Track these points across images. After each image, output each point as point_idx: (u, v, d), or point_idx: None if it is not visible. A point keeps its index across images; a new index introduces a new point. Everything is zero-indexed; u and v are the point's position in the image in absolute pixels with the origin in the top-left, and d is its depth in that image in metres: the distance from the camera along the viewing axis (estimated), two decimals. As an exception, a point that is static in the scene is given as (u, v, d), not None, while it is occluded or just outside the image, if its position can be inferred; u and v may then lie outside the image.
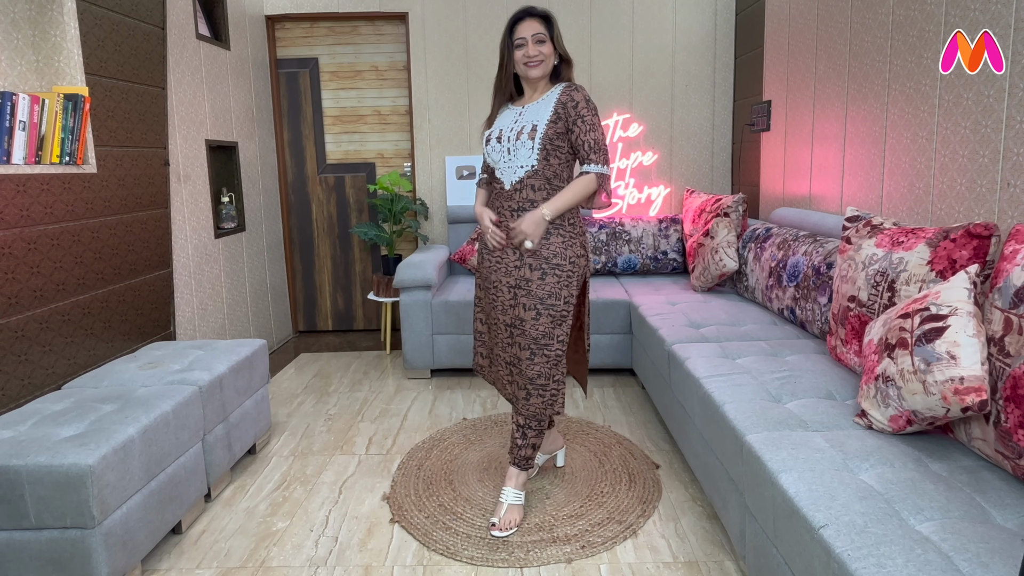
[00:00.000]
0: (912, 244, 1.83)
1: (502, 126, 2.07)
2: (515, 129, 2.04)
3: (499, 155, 2.05)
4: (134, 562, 1.77)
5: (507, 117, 2.10)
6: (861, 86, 2.58)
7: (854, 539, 1.16)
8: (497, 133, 2.07)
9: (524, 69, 2.02)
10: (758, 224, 3.19)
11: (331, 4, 4.14)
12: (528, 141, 1.99)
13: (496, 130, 2.08)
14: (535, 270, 2.00)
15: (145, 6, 2.68)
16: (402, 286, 3.38)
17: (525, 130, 2.00)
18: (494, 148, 2.06)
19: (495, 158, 2.06)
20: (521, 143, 2.00)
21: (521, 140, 2.00)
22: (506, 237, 2.04)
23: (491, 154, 2.07)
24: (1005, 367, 1.35)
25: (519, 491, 2.09)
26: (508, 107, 2.13)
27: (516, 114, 2.08)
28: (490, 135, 2.09)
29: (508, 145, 2.03)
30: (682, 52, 4.12)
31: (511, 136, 2.03)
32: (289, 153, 4.38)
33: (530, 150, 2.00)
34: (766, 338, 2.45)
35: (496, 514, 2.04)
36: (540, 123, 2.00)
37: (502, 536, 1.99)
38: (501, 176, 2.06)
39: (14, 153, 2.00)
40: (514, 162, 2.02)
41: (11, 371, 1.97)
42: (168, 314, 2.83)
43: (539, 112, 2.02)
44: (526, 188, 2.02)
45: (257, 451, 2.64)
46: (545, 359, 1.99)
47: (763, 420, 1.68)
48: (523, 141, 2.00)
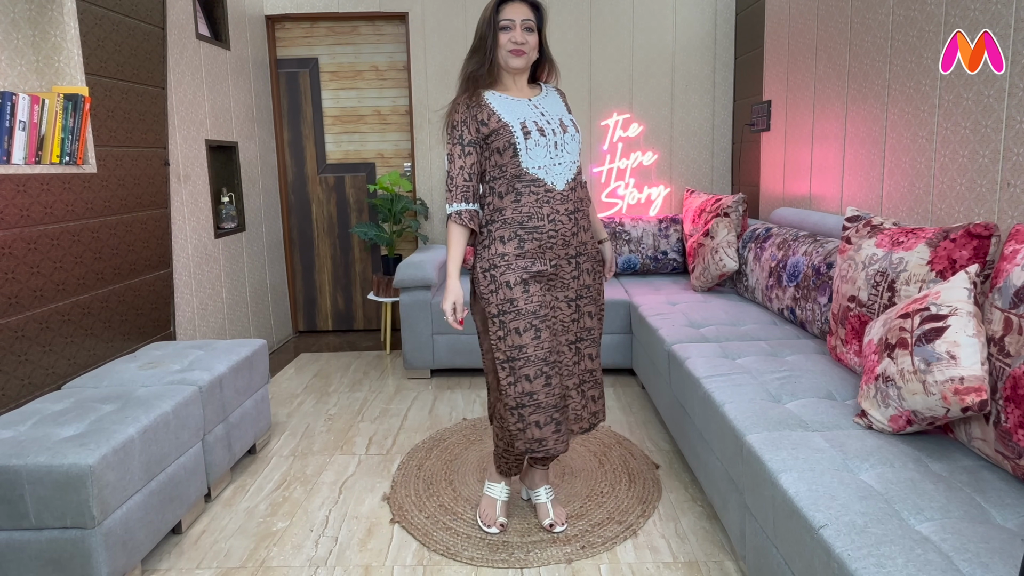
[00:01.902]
0: (912, 244, 1.83)
1: (524, 117, 1.78)
2: (549, 121, 1.79)
3: (544, 151, 1.76)
4: (134, 562, 1.77)
5: (519, 108, 1.80)
6: (861, 86, 2.58)
7: (854, 539, 1.16)
8: (533, 126, 1.77)
9: (506, 56, 1.77)
10: (758, 224, 3.19)
11: (331, 4, 4.14)
12: (576, 134, 1.81)
13: (521, 122, 1.77)
14: (591, 273, 1.89)
15: (145, 6, 2.68)
16: (402, 286, 3.38)
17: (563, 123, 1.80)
18: (536, 143, 1.75)
19: (535, 155, 1.75)
20: (570, 136, 1.79)
21: (569, 133, 1.79)
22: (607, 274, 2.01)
23: (530, 151, 1.75)
24: (1005, 367, 1.35)
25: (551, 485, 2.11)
26: (503, 96, 1.82)
27: (529, 106, 1.81)
28: (520, 129, 1.75)
29: (555, 139, 1.77)
30: (682, 52, 4.12)
31: (556, 129, 1.78)
32: (289, 153, 4.38)
33: (578, 144, 1.82)
34: (766, 338, 2.45)
35: (544, 515, 2.02)
36: (565, 117, 1.83)
37: (564, 529, 2.00)
38: (545, 176, 1.77)
39: (14, 153, 2.00)
40: (566, 157, 1.78)
41: (11, 371, 1.97)
42: (168, 314, 2.83)
43: (554, 105, 1.86)
44: (579, 187, 1.82)
45: (257, 451, 2.64)
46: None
47: (763, 420, 1.68)
48: (571, 134, 1.79)
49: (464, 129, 1.77)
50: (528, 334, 1.75)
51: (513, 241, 1.77)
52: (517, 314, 1.74)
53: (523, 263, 1.76)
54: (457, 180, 1.77)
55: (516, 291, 1.74)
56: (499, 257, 1.76)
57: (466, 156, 1.77)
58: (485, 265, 1.77)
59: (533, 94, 1.87)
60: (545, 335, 1.76)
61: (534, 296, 1.75)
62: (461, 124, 1.77)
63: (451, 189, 1.77)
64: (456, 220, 1.77)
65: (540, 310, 1.76)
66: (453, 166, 1.77)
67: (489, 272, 1.76)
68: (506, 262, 1.75)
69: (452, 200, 1.77)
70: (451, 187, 1.77)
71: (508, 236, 1.77)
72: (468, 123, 1.78)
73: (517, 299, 1.74)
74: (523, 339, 1.74)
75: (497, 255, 1.76)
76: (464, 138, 1.77)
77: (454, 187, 1.76)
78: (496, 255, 1.76)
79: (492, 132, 1.76)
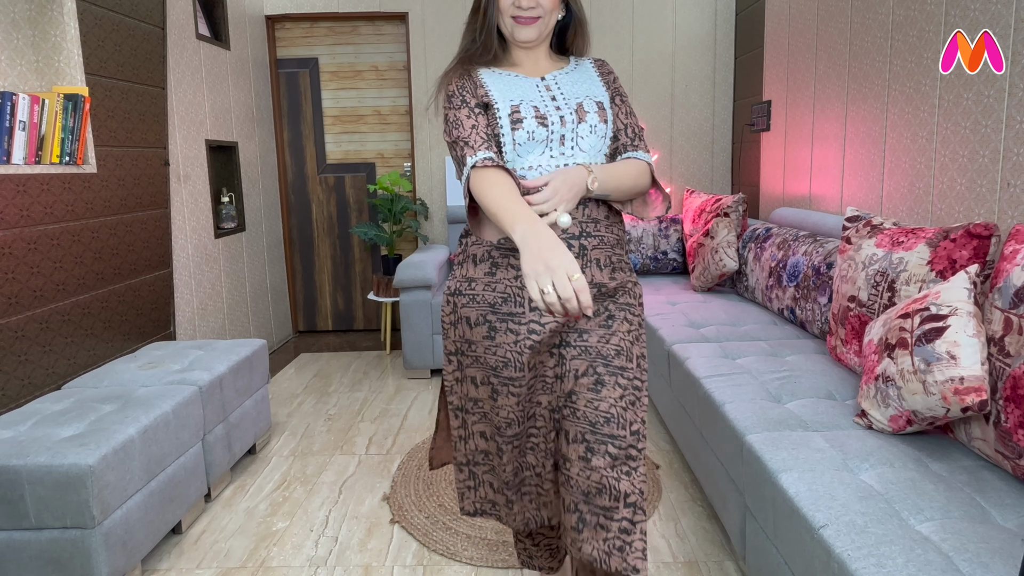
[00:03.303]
0: (912, 244, 1.83)
1: (520, 98, 1.28)
2: (560, 106, 1.28)
3: (540, 147, 1.26)
4: (134, 562, 1.77)
5: (517, 87, 1.30)
6: (861, 86, 2.58)
7: (854, 539, 1.16)
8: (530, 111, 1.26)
9: (510, 24, 1.29)
10: (758, 224, 3.19)
11: (331, 4, 4.14)
12: (600, 124, 1.29)
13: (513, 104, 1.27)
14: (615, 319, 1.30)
15: (145, 6, 2.68)
16: (402, 286, 3.38)
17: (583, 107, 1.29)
18: (529, 135, 1.25)
19: (525, 152, 1.26)
20: (588, 127, 1.28)
21: (587, 122, 1.27)
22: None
23: (518, 145, 1.26)
24: (1005, 367, 1.35)
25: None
26: (501, 73, 1.33)
27: (535, 85, 1.31)
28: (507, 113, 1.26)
29: (562, 131, 1.26)
30: (682, 52, 4.12)
31: (568, 117, 1.27)
32: (289, 153, 4.38)
33: (601, 138, 1.29)
34: (766, 338, 2.46)
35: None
36: (591, 99, 1.31)
37: None
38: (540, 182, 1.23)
39: (14, 153, 2.00)
40: (578, 157, 1.27)
41: (11, 371, 1.97)
42: (168, 314, 2.83)
43: (581, 84, 1.33)
44: (590, 202, 1.27)
45: (257, 451, 2.64)
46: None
47: (763, 420, 1.68)
48: (591, 124, 1.28)
49: (466, 94, 1.29)
50: (484, 388, 1.32)
51: (484, 264, 1.28)
52: (475, 360, 1.31)
53: (491, 297, 1.26)
54: (472, 137, 1.24)
55: (477, 333, 1.28)
56: (466, 282, 1.30)
57: (477, 116, 1.27)
58: (451, 287, 1.33)
59: (554, 69, 1.36)
60: (505, 400, 1.28)
61: (501, 346, 1.25)
62: (460, 90, 1.30)
63: (469, 143, 1.23)
64: (488, 164, 1.19)
65: (503, 368, 1.26)
66: (463, 127, 1.25)
67: (452, 298, 1.32)
68: (471, 291, 1.29)
69: (471, 153, 1.22)
70: (466, 144, 1.23)
71: (481, 256, 1.29)
72: (466, 89, 1.30)
73: (476, 344, 1.29)
74: (479, 392, 1.34)
75: (464, 279, 1.31)
76: (469, 101, 1.28)
77: (471, 141, 1.23)
78: (463, 279, 1.31)
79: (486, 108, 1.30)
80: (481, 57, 1.32)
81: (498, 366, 1.27)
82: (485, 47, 1.31)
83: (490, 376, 1.29)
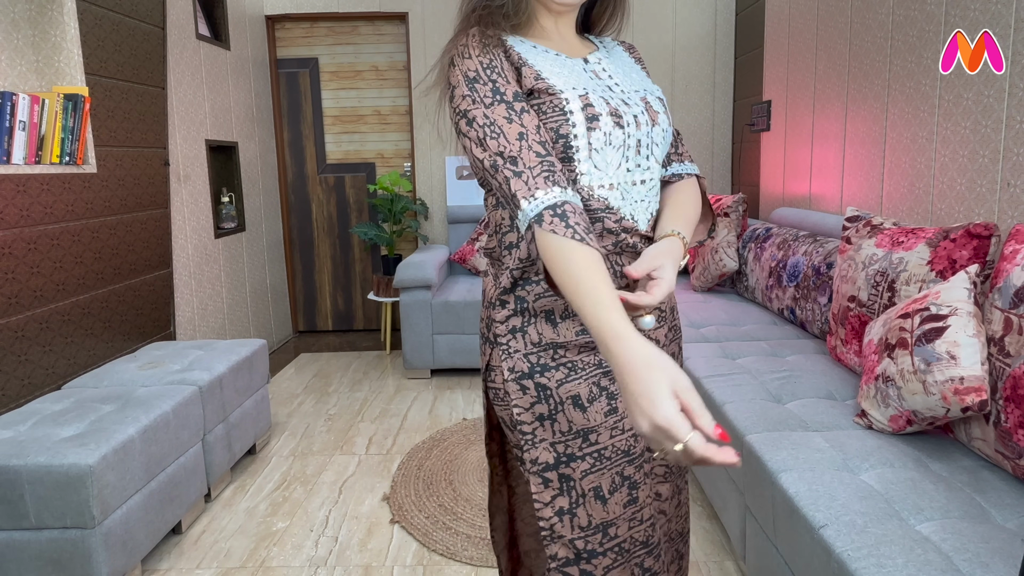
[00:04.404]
0: (912, 244, 1.83)
1: (585, 87, 0.93)
2: (627, 100, 0.96)
3: (617, 154, 0.93)
4: (134, 562, 1.77)
5: (571, 71, 0.95)
6: (861, 86, 2.58)
7: (854, 539, 1.16)
8: (603, 105, 0.92)
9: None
10: (758, 224, 3.19)
11: (331, 4, 4.14)
12: (669, 129, 1.02)
13: (581, 94, 0.91)
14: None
15: (145, 6, 2.68)
16: (402, 286, 3.38)
17: (650, 105, 0.99)
18: (608, 138, 0.92)
19: (603, 160, 0.92)
20: (660, 130, 0.98)
21: (660, 125, 0.98)
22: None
23: (595, 152, 0.92)
24: (1005, 367, 1.35)
25: None
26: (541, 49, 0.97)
27: (584, 70, 0.98)
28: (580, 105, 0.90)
29: (638, 134, 0.95)
30: (682, 52, 4.12)
31: (640, 116, 0.96)
32: (289, 153, 4.38)
33: (668, 147, 1.04)
34: (766, 338, 2.45)
35: None
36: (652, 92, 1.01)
37: None
38: (620, 204, 0.94)
39: (14, 153, 2.00)
40: (653, 170, 0.99)
41: (11, 371, 1.97)
42: (168, 314, 2.83)
43: (628, 73, 1.03)
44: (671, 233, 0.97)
45: (257, 451, 2.64)
46: None
47: (763, 420, 1.68)
48: (663, 127, 0.99)
49: (498, 77, 0.90)
50: (619, 495, 0.93)
51: (573, 320, 0.94)
52: (599, 459, 0.92)
53: (596, 357, 0.94)
54: (524, 155, 0.85)
55: (595, 414, 0.92)
56: (550, 351, 0.94)
57: (522, 115, 0.88)
58: (523, 366, 0.94)
59: (587, 51, 1.03)
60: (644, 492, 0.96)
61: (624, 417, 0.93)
62: (488, 69, 0.90)
63: (518, 168, 0.85)
64: (559, 229, 0.81)
65: (634, 441, 0.94)
66: (504, 136, 0.87)
67: (536, 379, 0.94)
68: (565, 359, 0.94)
69: (526, 193, 0.84)
70: (513, 169, 0.85)
71: (562, 310, 0.94)
72: (499, 66, 0.91)
73: (598, 430, 0.92)
74: (609, 507, 0.93)
75: (546, 347, 0.94)
76: (503, 89, 0.89)
77: (522, 163, 0.85)
78: (544, 347, 0.94)
79: (530, 95, 0.92)
80: (508, 19, 0.94)
81: (630, 448, 0.93)
82: (516, 3, 0.94)
83: (624, 469, 0.93)
